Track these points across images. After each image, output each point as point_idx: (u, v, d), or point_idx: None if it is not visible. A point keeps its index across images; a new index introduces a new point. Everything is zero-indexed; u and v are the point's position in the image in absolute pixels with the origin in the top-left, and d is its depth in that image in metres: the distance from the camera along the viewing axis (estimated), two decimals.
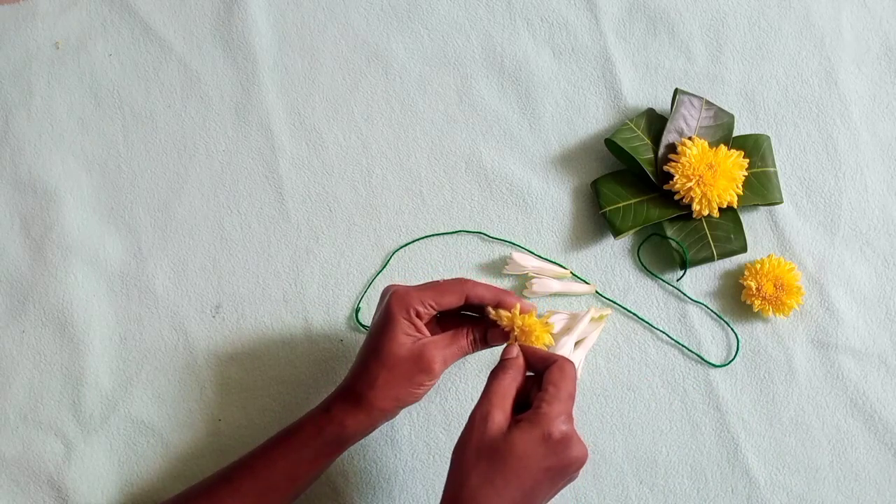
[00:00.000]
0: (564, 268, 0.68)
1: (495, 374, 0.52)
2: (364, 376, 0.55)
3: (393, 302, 0.55)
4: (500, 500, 0.47)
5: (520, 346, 0.55)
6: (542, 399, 0.50)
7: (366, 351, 0.56)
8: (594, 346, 0.67)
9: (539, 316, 0.67)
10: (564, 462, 0.49)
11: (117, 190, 0.70)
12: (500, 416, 0.49)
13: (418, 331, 0.55)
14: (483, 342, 0.57)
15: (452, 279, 0.56)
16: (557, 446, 0.48)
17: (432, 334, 0.56)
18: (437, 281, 0.56)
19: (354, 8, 0.74)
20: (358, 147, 0.71)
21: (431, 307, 0.55)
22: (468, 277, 0.57)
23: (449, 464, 0.50)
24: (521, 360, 0.53)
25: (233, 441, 0.65)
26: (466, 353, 0.56)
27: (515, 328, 0.55)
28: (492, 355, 0.67)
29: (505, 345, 0.55)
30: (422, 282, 0.57)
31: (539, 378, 0.52)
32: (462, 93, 0.72)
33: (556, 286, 0.67)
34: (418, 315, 0.55)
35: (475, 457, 0.48)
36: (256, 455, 0.57)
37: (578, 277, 0.68)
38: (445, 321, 0.59)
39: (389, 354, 0.54)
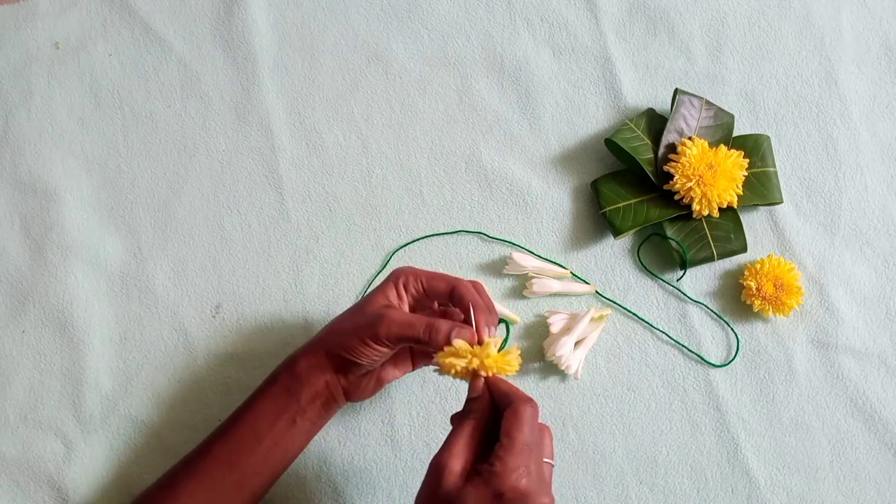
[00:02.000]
0: (564, 268, 0.68)
1: (457, 419, 0.50)
2: (329, 324, 0.58)
3: (393, 272, 0.57)
4: None
5: (485, 379, 0.51)
6: (496, 453, 0.46)
7: (349, 308, 0.58)
8: (594, 346, 0.67)
9: (539, 316, 0.67)
10: None
11: (117, 190, 0.70)
12: (456, 466, 0.47)
13: (398, 298, 0.56)
14: (443, 340, 0.52)
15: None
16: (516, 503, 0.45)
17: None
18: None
19: (354, 8, 0.74)
20: (358, 147, 0.71)
21: (421, 284, 0.56)
22: (468, 279, 0.57)
23: None
24: (486, 398, 0.50)
25: None
26: (419, 340, 0.52)
27: (474, 366, 0.51)
28: None
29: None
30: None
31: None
32: (462, 93, 0.72)
33: (556, 286, 0.67)
34: (405, 286, 0.56)
35: None
36: (230, 421, 0.58)
37: (578, 277, 0.68)
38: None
39: (358, 306, 0.56)
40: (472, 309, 0.53)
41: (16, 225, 0.69)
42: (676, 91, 0.69)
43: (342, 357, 0.55)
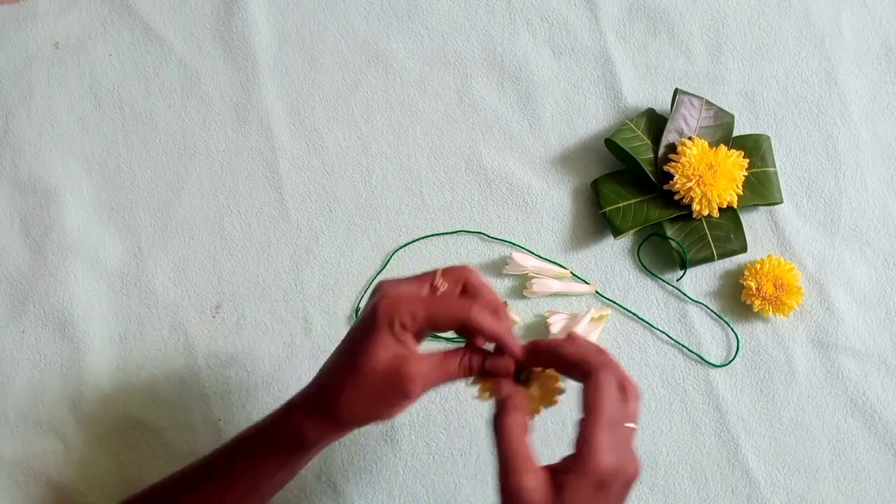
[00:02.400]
0: (564, 268, 0.68)
1: (501, 428, 0.45)
2: (330, 386, 0.48)
3: (379, 308, 0.46)
4: None
5: (540, 343, 0.47)
6: (582, 436, 0.43)
7: (338, 357, 0.49)
8: None
9: (539, 316, 0.68)
10: (626, 490, 0.43)
11: (117, 190, 0.70)
12: (533, 481, 0.42)
13: (401, 344, 0.46)
14: (479, 371, 0.47)
15: (455, 290, 0.48)
16: (614, 483, 0.42)
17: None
18: (435, 278, 0.48)
19: (354, 8, 0.74)
20: (358, 147, 0.71)
21: (417, 318, 0.46)
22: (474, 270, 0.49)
23: None
24: (521, 395, 0.47)
25: None
26: (455, 380, 0.47)
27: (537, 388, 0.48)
28: None
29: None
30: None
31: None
32: (462, 93, 0.72)
33: (556, 286, 0.67)
34: (404, 326, 0.46)
35: None
36: (216, 459, 0.52)
37: (578, 277, 0.68)
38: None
39: (362, 367, 0.45)
40: (500, 341, 0.47)
41: (16, 225, 0.69)
42: (676, 91, 0.69)
43: (369, 423, 0.48)
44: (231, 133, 0.71)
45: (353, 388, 0.46)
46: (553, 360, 0.47)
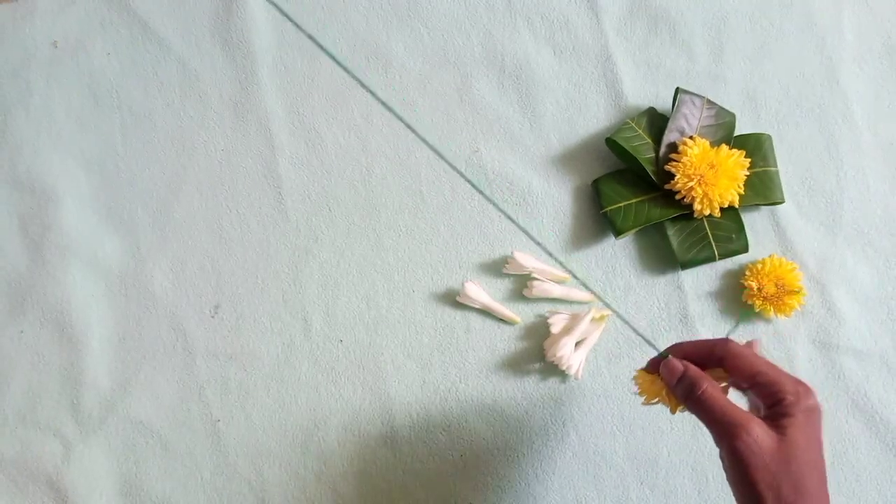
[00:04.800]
0: (571, 273, 0.68)
1: (704, 396, 0.46)
2: None
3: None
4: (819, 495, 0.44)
5: (675, 357, 0.50)
6: (776, 387, 0.45)
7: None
8: (595, 347, 0.66)
9: (540, 317, 0.67)
10: (820, 415, 0.46)
11: (116, 189, 0.70)
12: (757, 429, 0.44)
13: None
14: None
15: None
16: (816, 411, 0.45)
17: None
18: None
19: (354, 7, 0.73)
20: (357, 147, 0.71)
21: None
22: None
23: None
24: (696, 371, 0.48)
25: (232, 441, 0.65)
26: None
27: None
28: (492, 355, 0.67)
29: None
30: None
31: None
32: (462, 92, 0.72)
33: (556, 291, 0.67)
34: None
35: (769, 473, 0.43)
36: None
37: (578, 278, 0.68)
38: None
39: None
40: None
41: (14, 225, 0.69)
42: (678, 90, 0.68)
43: None
44: (230, 132, 0.71)
45: None
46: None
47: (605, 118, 0.71)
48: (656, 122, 0.69)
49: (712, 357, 0.48)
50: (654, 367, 0.51)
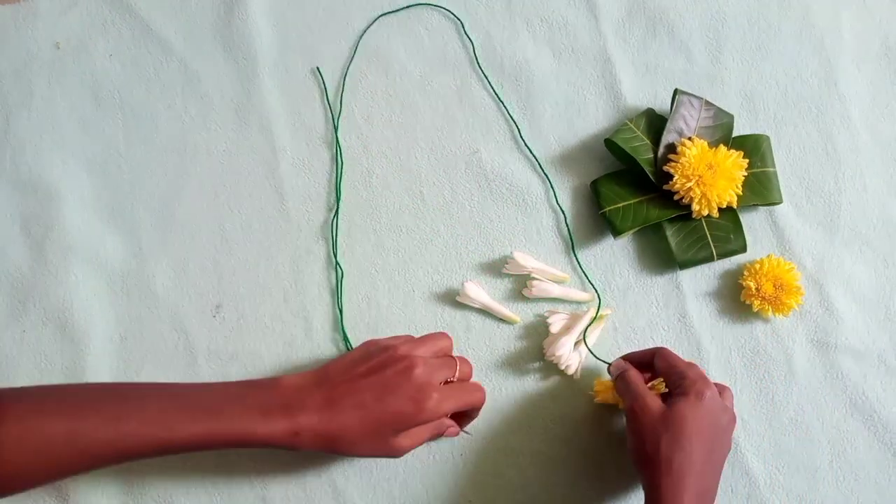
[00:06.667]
0: (578, 275, 0.68)
1: (627, 377, 0.60)
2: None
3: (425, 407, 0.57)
4: (691, 458, 0.54)
5: (621, 359, 0.63)
6: (675, 377, 0.59)
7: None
8: (594, 346, 0.67)
9: (539, 316, 0.68)
10: (715, 403, 0.57)
11: (118, 190, 0.70)
12: (653, 401, 0.57)
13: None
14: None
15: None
16: (706, 396, 0.57)
17: None
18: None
19: (354, 7, 0.74)
20: (358, 147, 0.71)
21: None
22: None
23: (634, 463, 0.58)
24: (630, 366, 0.62)
25: None
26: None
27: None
28: (491, 355, 0.67)
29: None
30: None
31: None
32: (462, 93, 0.72)
33: (555, 291, 0.67)
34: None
35: (654, 432, 0.56)
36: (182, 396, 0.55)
37: (583, 273, 0.68)
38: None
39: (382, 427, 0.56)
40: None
41: (16, 225, 0.69)
42: (676, 91, 0.69)
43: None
44: (231, 133, 0.71)
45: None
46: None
47: (604, 119, 0.71)
48: (655, 123, 0.69)
49: (651, 360, 0.61)
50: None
